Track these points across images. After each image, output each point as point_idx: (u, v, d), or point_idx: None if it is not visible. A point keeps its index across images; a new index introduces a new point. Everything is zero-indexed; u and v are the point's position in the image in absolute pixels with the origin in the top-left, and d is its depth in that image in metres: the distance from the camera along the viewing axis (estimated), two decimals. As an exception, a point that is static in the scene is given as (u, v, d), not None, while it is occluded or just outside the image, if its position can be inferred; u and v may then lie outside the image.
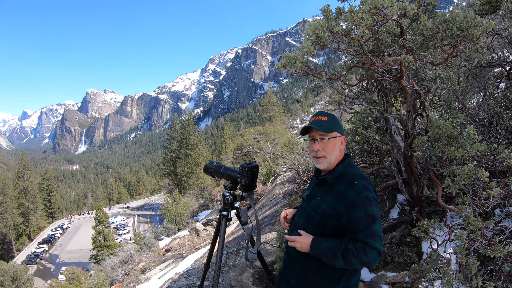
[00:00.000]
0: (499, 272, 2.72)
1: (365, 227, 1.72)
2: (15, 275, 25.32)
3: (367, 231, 1.71)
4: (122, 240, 47.51)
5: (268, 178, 23.12)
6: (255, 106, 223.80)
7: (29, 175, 61.58)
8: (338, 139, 1.94)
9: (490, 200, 2.84)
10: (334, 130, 1.92)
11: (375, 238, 1.70)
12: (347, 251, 1.70)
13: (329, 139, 1.91)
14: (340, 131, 1.95)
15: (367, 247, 1.68)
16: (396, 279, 3.68)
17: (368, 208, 1.75)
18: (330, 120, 1.93)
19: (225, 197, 2.57)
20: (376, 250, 1.69)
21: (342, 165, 1.95)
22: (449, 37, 3.01)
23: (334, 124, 1.93)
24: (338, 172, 1.92)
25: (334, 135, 1.92)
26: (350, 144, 4.93)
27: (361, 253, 1.68)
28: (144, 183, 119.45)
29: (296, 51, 2.76)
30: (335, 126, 1.93)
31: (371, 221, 1.73)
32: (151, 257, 21.39)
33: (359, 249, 1.68)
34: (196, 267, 7.99)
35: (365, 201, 1.77)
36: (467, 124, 3.49)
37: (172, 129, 65.77)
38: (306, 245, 1.84)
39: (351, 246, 1.70)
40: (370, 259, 1.69)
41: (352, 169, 1.93)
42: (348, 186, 1.84)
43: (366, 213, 1.74)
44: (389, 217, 4.98)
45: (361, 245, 1.69)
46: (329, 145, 1.91)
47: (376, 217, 1.75)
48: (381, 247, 1.70)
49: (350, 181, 1.86)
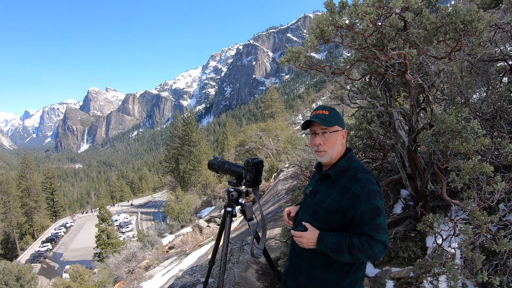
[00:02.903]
0: (504, 266, 2.71)
1: (370, 221, 1.72)
2: (19, 274, 25.44)
3: (372, 225, 1.71)
4: (125, 237, 47.76)
5: (271, 174, 23.14)
6: (256, 103, 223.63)
7: (32, 174, 61.73)
8: (339, 133, 1.93)
9: (495, 194, 2.83)
10: (336, 124, 1.91)
11: (380, 231, 1.70)
12: (352, 246, 1.70)
13: (330, 133, 1.91)
14: (342, 125, 1.95)
15: (373, 241, 1.68)
16: (400, 274, 3.67)
17: (373, 201, 1.75)
18: (331, 114, 1.92)
19: (229, 193, 2.56)
20: (381, 243, 1.68)
21: (344, 159, 1.94)
22: (452, 31, 3.00)
23: (336, 118, 1.92)
24: (341, 166, 1.92)
25: (336, 129, 1.92)
26: (353, 139, 4.92)
27: (367, 247, 1.68)
28: (147, 180, 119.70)
29: (298, 46, 2.74)
30: (337, 120, 1.92)
31: (376, 214, 1.73)
32: (154, 254, 21.43)
33: (365, 243, 1.68)
34: (200, 264, 8.02)
35: (369, 194, 1.76)
36: (471, 118, 3.47)
37: (174, 127, 65.72)
38: (313, 240, 1.83)
39: (356, 241, 1.70)
40: (376, 253, 1.68)
41: (354, 163, 1.93)
42: (352, 180, 1.83)
43: (371, 206, 1.74)
44: (393, 212, 4.97)
45: (366, 239, 1.69)
46: (330, 139, 1.91)
47: (380, 210, 1.75)
48: (387, 239, 1.70)
49: (354, 174, 1.85)
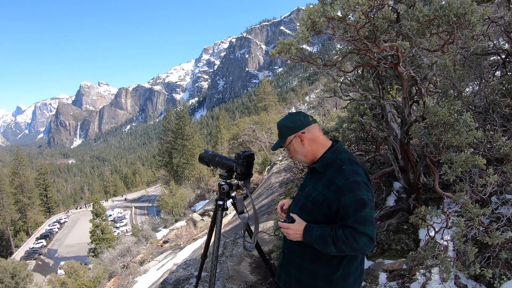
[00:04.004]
0: (496, 259, 2.73)
1: (354, 213, 1.69)
2: (14, 271, 25.30)
3: (356, 217, 1.68)
4: (119, 232, 47.70)
5: (264, 167, 23.18)
6: (250, 96, 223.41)
7: (25, 171, 61.30)
8: (293, 141, 1.96)
9: (487, 187, 2.84)
10: (286, 137, 1.97)
11: (365, 223, 1.66)
12: (337, 238, 1.68)
13: (288, 147, 2.00)
14: (293, 131, 1.96)
15: (357, 233, 1.65)
16: (393, 267, 3.69)
17: (357, 193, 1.72)
18: (280, 130, 2.00)
19: (220, 186, 2.54)
20: (366, 236, 1.65)
21: (330, 151, 1.94)
22: (446, 23, 2.97)
23: (283, 131, 1.99)
24: (326, 159, 1.91)
25: (288, 141, 1.97)
26: (346, 131, 4.91)
27: (351, 240, 1.65)
28: (140, 175, 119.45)
29: (290, 38, 2.71)
30: (285, 133, 1.98)
31: (360, 206, 1.69)
32: (149, 248, 21.41)
33: (349, 235, 1.66)
34: (194, 257, 8.01)
35: (353, 186, 1.73)
36: (464, 111, 3.47)
37: (167, 120, 65.47)
38: (299, 232, 1.84)
39: (341, 233, 1.68)
40: (361, 245, 1.66)
41: (341, 155, 1.91)
42: (337, 172, 1.81)
43: (354, 198, 1.71)
44: (386, 204, 4.99)
45: (350, 231, 1.66)
46: (291, 151, 2.01)
47: (365, 202, 1.71)
48: (373, 232, 1.66)
49: (339, 166, 1.83)
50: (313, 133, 1.96)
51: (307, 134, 1.95)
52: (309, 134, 1.95)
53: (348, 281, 1.89)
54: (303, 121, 1.97)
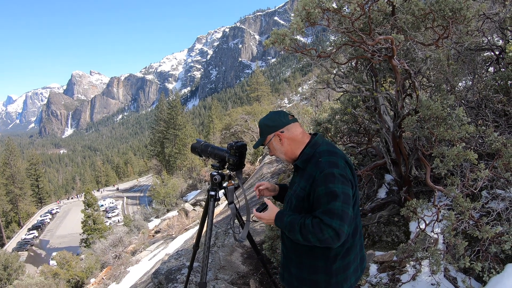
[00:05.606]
0: (486, 253, 2.76)
1: (324, 205, 1.68)
2: (6, 263, 25.08)
3: (325, 209, 1.67)
4: (111, 222, 47.52)
5: (256, 158, 23.19)
6: (242, 86, 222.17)
7: (16, 161, 60.58)
8: (273, 140, 1.99)
9: (478, 181, 2.86)
10: (266, 136, 2.01)
11: (333, 216, 1.64)
12: (304, 226, 1.69)
13: (268, 146, 2.05)
14: (272, 130, 2.00)
15: (323, 224, 1.64)
16: (384, 258, 3.73)
17: (330, 185, 1.71)
18: (261, 129, 2.05)
19: (213, 176, 2.54)
20: (332, 229, 1.63)
21: (308, 146, 1.95)
22: (441, 18, 2.96)
23: (263, 130, 2.03)
24: (306, 154, 1.93)
25: (268, 140, 2.02)
26: (338, 123, 4.91)
27: (317, 230, 1.65)
28: (132, 164, 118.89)
29: (285, 28, 2.67)
30: (265, 132, 2.02)
31: (331, 198, 1.68)
32: (141, 238, 21.43)
33: (315, 225, 1.66)
34: (186, 247, 8.03)
35: (327, 177, 1.73)
36: (456, 106, 3.48)
37: (159, 110, 65.10)
38: (271, 219, 1.91)
39: (309, 222, 1.68)
40: (326, 237, 1.64)
41: (319, 148, 1.91)
42: (315, 165, 1.82)
43: (326, 190, 1.70)
44: (377, 196, 5.03)
45: (317, 221, 1.66)
46: (271, 149, 2.06)
47: (337, 195, 1.68)
48: (340, 227, 1.63)
49: (316, 160, 1.84)
50: (292, 132, 1.98)
51: (286, 133, 1.97)
52: (288, 133, 1.97)
53: (349, 271, 1.90)
54: (283, 120, 1.99)
